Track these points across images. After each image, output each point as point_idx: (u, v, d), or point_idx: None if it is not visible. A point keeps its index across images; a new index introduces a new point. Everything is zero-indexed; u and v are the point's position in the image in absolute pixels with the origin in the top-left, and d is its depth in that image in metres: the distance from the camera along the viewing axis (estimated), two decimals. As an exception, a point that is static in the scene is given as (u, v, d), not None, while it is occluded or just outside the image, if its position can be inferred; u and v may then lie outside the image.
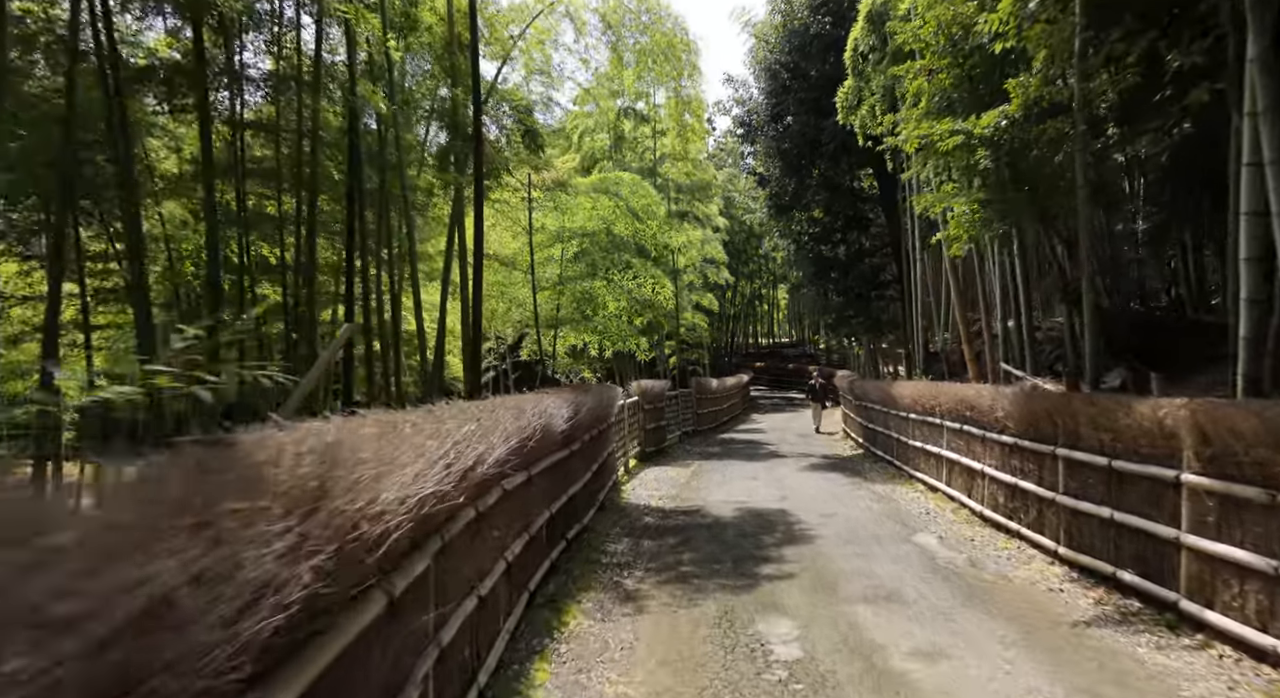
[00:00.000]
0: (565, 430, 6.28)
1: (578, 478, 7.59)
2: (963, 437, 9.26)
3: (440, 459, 2.55)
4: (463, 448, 2.93)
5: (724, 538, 8.08)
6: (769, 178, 20.76)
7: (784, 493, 11.11)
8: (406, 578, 2.39)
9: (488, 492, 4.08)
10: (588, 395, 7.57)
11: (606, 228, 10.67)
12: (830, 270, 20.38)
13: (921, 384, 11.03)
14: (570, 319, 10.87)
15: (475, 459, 3.21)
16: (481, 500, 3.94)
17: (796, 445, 18.39)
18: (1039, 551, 7.02)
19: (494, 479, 4.00)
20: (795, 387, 46.15)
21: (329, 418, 2.20)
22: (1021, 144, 7.33)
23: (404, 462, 2.16)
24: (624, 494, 11.08)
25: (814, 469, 14.01)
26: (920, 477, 11.35)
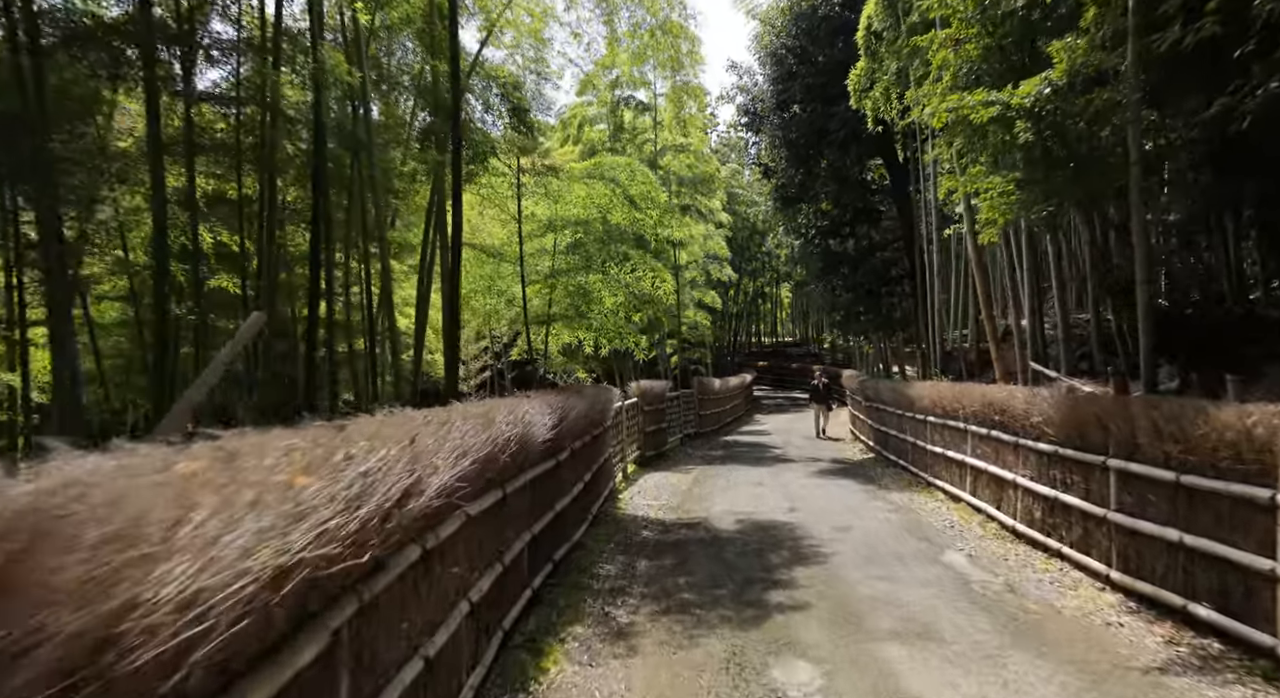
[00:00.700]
0: (549, 440, 5.49)
1: (567, 491, 6.81)
2: (990, 443, 8.46)
3: (331, 501, 1.78)
4: (374, 480, 2.15)
5: (729, 557, 7.29)
6: (774, 169, 19.92)
7: (793, 502, 10.32)
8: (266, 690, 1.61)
9: (441, 522, 3.30)
10: (578, 399, 6.79)
11: (602, 216, 9.89)
12: (839, 265, 19.50)
13: (942, 385, 10.23)
14: (563, 315, 10.10)
15: (405, 491, 2.43)
16: (431, 534, 3.16)
17: (804, 449, 17.58)
18: (1085, 573, 6.22)
19: (446, 509, 3.21)
20: (799, 386, 45.29)
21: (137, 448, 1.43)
22: (1064, 116, 6.52)
23: (234, 516, 1.39)
24: (621, 504, 10.30)
25: (823, 475, 13.21)
26: (940, 485, 10.54)
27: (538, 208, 10.16)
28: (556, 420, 5.68)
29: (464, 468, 3.15)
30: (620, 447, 12.64)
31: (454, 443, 3.09)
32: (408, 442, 2.55)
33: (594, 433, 8.65)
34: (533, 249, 10.20)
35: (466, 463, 3.14)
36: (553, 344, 12.06)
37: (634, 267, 10.33)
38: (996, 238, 8.04)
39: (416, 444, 2.59)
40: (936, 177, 13.49)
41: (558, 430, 5.89)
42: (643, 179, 10.20)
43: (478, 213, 9.99)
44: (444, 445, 2.96)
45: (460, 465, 3.12)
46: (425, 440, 2.80)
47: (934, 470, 10.92)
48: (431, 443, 2.86)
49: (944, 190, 9.39)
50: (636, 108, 21.88)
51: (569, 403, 6.19)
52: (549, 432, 5.37)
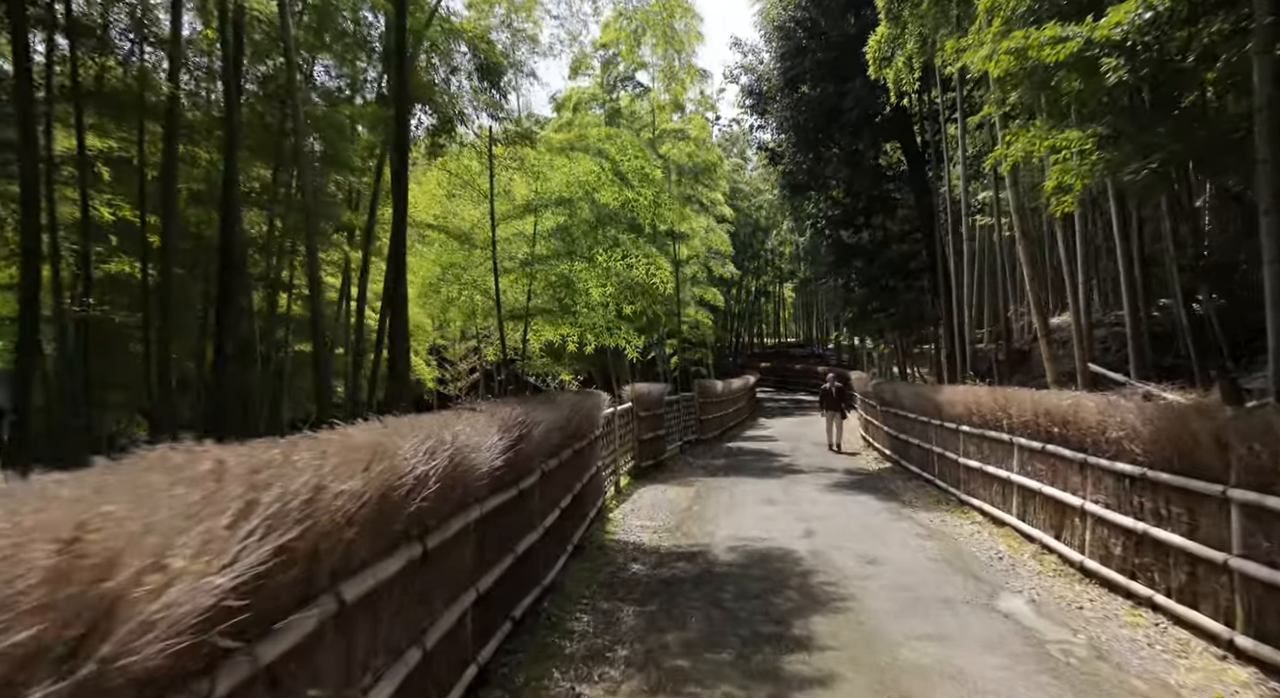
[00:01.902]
0: (504, 465, 4.16)
1: (536, 524, 5.48)
2: (1046, 460, 7.12)
3: None
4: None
5: (734, 602, 5.95)
6: (782, 154, 18.57)
7: (808, 524, 8.98)
8: None
9: (261, 639, 1.97)
10: (548, 410, 5.47)
11: (588, 196, 8.59)
12: (852, 258, 18.11)
13: (980, 390, 8.91)
14: (544, 309, 8.78)
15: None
16: (260, 648, 1.84)
17: (814, 457, 16.24)
18: (1194, 633, 4.88)
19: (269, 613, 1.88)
20: (803, 388, 43.99)
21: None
22: (1165, 50, 5.19)
23: None
24: (611, 526, 8.97)
25: (839, 489, 11.87)
26: (976, 504, 9.21)
27: (515, 185, 8.86)
28: (514, 440, 4.35)
29: (290, 534, 1.82)
30: (612, 457, 11.32)
31: (269, 504, 1.76)
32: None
33: (576, 447, 7.33)
34: (509, 233, 8.88)
35: (286, 532, 1.82)
36: (534, 342, 10.76)
37: (625, 253, 9.03)
38: (1073, 207, 6.75)
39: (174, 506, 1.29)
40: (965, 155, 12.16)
41: (518, 451, 4.57)
42: (635, 153, 8.89)
43: (446, 193, 8.72)
44: (226, 510, 1.64)
45: (283, 534, 1.79)
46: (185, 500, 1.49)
47: (968, 487, 9.58)
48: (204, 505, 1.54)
49: (993, 157, 8.04)
50: (634, 92, 20.55)
51: (534, 416, 4.87)
52: (500, 457, 4.05)
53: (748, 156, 42.00)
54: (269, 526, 1.76)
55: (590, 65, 19.24)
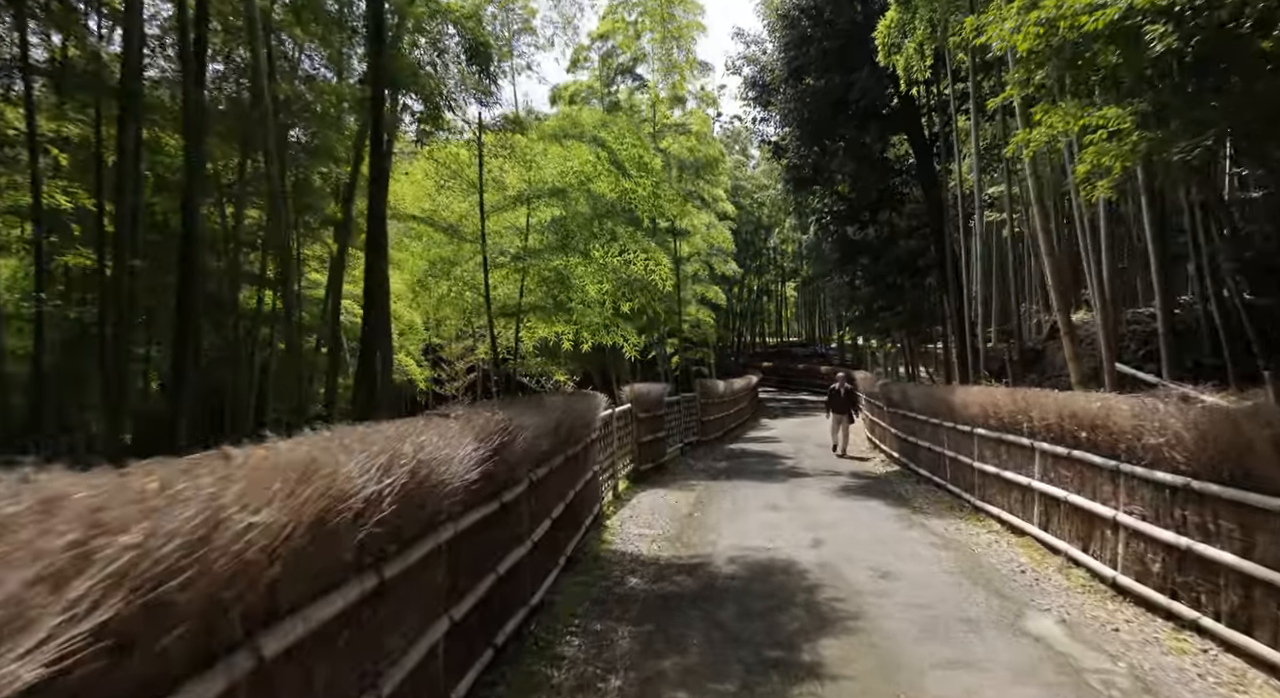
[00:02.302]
0: (477, 481, 3.70)
1: (523, 538, 5.03)
2: (1073, 466, 6.65)
3: None
4: None
5: (740, 624, 5.49)
6: (786, 147, 18.07)
7: (816, 533, 8.52)
8: None
9: None
10: (535, 414, 5.00)
11: (583, 186, 8.12)
12: (858, 255, 17.59)
13: (997, 391, 8.44)
14: (538, 306, 8.32)
15: None
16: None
17: (818, 460, 15.75)
18: (1251, 663, 4.40)
19: None
20: (805, 388, 43.46)
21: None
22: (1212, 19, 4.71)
23: None
24: (608, 534, 8.51)
25: (847, 494, 11.40)
26: (993, 511, 8.74)
27: (508, 177, 8.39)
28: (494, 449, 3.89)
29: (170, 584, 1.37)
30: (610, 460, 10.86)
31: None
32: None
33: (569, 453, 6.88)
34: (499, 227, 8.43)
35: (148, 595, 1.36)
36: (527, 341, 10.31)
37: (623, 248, 8.57)
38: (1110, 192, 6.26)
39: None
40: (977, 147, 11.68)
41: (499, 460, 4.11)
42: (632, 141, 8.42)
43: (436, 185, 8.25)
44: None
45: (139, 594, 1.34)
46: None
47: (984, 493, 9.11)
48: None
49: (1015, 143, 7.54)
50: (633, 85, 20.09)
51: (519, 421, 4.41)
52: (477, 469, 3.59)
53: (750, 154, 41.53)
54: (114, 583, 1.30)
55: (588, 58, 18.77)
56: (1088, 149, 6.02)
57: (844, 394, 15.37)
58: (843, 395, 15.37)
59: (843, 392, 15.36)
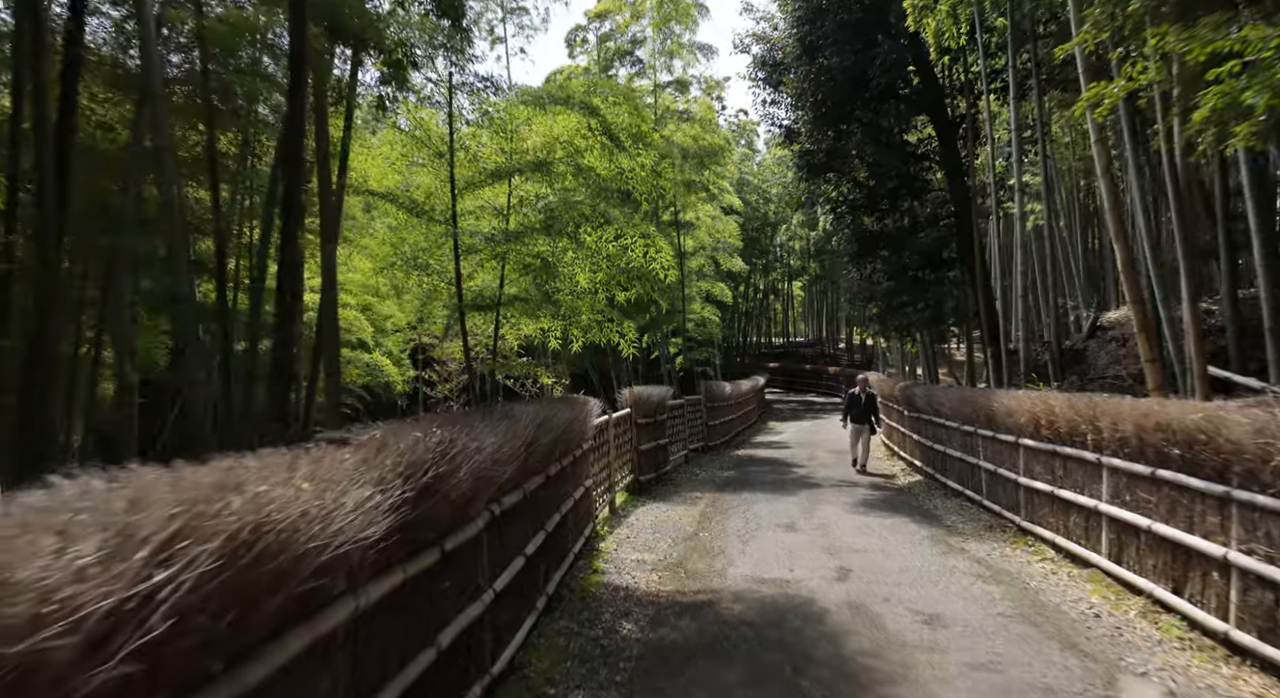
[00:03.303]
0: (385, 538, 2.58)
1: (474, 595, 3.90)
2: (1158, 489, 5.50)
3: None
4: None
5: (752, 693, 4.36)
6: (798, 131, 16.90)
7: (840, 559, 7.39)
8: None
9: None
10: (499, 431, 3.87)
11: (572, 158, 7.02)
12: (876, 246, 16.35)
13: (1054, 398, 7.29)
14: (518, 298, 7.21)
15: None
16: None
17: (833, 469, 14.61)
18: None
19: None
20: (813, 389, 42.32)
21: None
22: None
23: None
24: (599, 561, 7.39)
25: (869, 510, 10.25)
26: (1043, 534, 7.60)
27: (486, 153, 7.28)
28: (420, 488, 2.77)
29: None
30: (606, 472, 9.76)
31: None
32: None
33: (552, 471, 5.77)
34: (474, 205, 7.33)
35: None
36: (510, 338, 9.24)
37: (619, 232, 7.48)
38: (1252, 140, 5.15)
39: None
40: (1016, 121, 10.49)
41: (435, 498, 2.99)
42: (629, 109, 7.32)
43: (401, 157, 7.16)
44: None
45: None
46: None
47: (1032, 513, 7.96)
48: None
49: (1086, 99, 6.37)
50: (633, 70, 18.95)
51: (468, 443, 3.28)
52: (388, 518, 2.47)
53: (755, 148, 40.39)
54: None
55: (585, 40, 17.67)
56: (1211, 95, 4.83)
57: (864, 400, 13.38)
58: (863, 402, 13.35)
59: (863, 398, 13.37)
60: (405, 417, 7.04)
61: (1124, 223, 7.07)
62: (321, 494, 2.13)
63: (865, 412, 13.34)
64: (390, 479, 2.54)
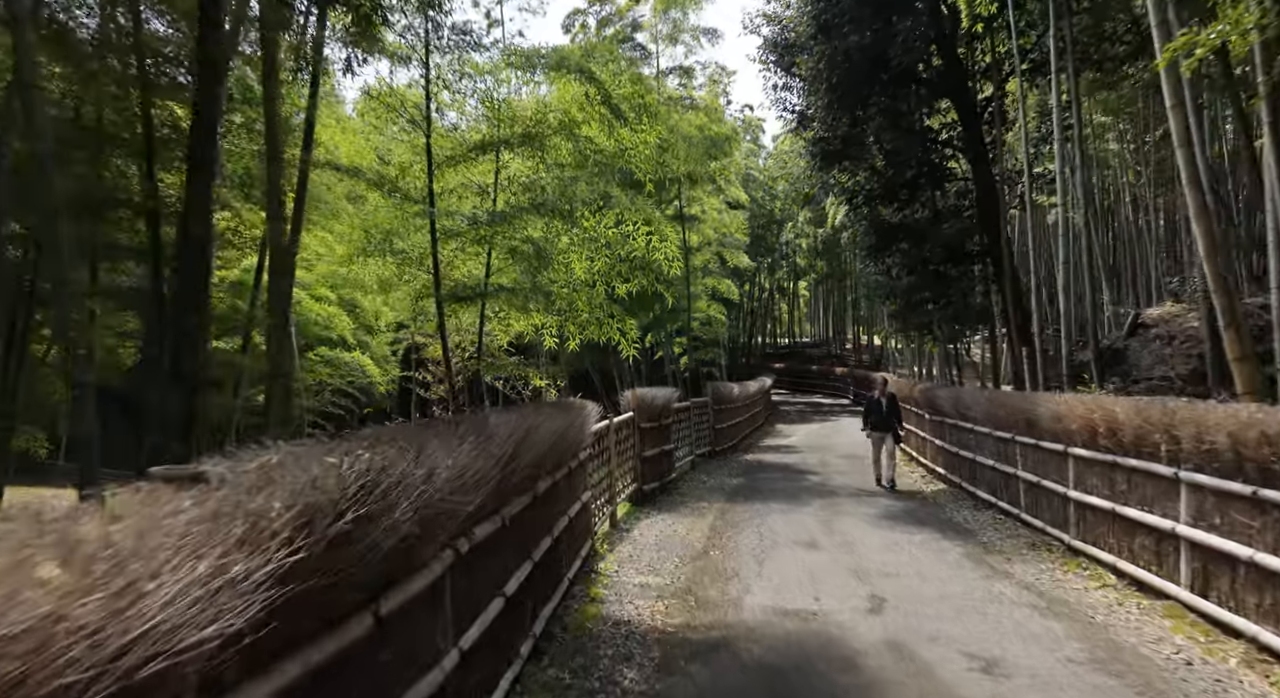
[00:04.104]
0: (245, 634, 1.69)
1: (424, 668, 3.03)
2: (1262, 513, 4.62)
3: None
4: None
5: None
6: (811, 117, 15.99)
7: (871, 585, 6.52)
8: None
9: None
10: (458, 449, 3.01)
11: (567, 129, 6.18)
12: (896, 238, 15.41)
13: (1115, 403, 6.41)
14: (507, 288, 6.35)
15: None
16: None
17: (848, 475, 13.73)
18: None
19: None
20: (820, 390, 41.38)
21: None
22: None
23: None
24: (597, 588, 6.53)
25: (895, 523, 9.37)
26: (1100, 557, 6.72)
27: (471, 128, 6.45)
28: (328, 543, 1.90)
29: None
30: (607, 482, 8.91)
31: None
32: None
33: (538, 491, 4.91)
34: (458, 183, 6.49)
35: None
36: (500, 335, 8.40)
37: (620, 217, 6.64)
38: None
39: None
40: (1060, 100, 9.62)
41: (359, 552, 2.13)
42: (632, 76, 6.48)
43: (373, 126, 6.34)
44: None
45: None
46: None
47: (1086, 532, 7.08)
48: None
49: (1175, 48, 5.48)
50: (635, 55, 18.09)
51: (410, 469, 2.43)
52: (273, 591, 1.60)
53: (762, 144, 39.52)
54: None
55: (585, 24, 16.82)
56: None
57: (886, 406, 11.78)
58: (883, 408, 11.76)
59: (883, 402, 11.80)
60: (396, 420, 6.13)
61: (1203, 199, 6.22)
62: (109, 581, 1.26)
63: (887, 418, 11.84)
64: (266, 537, 1.68)
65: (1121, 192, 27.34)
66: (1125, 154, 27.19)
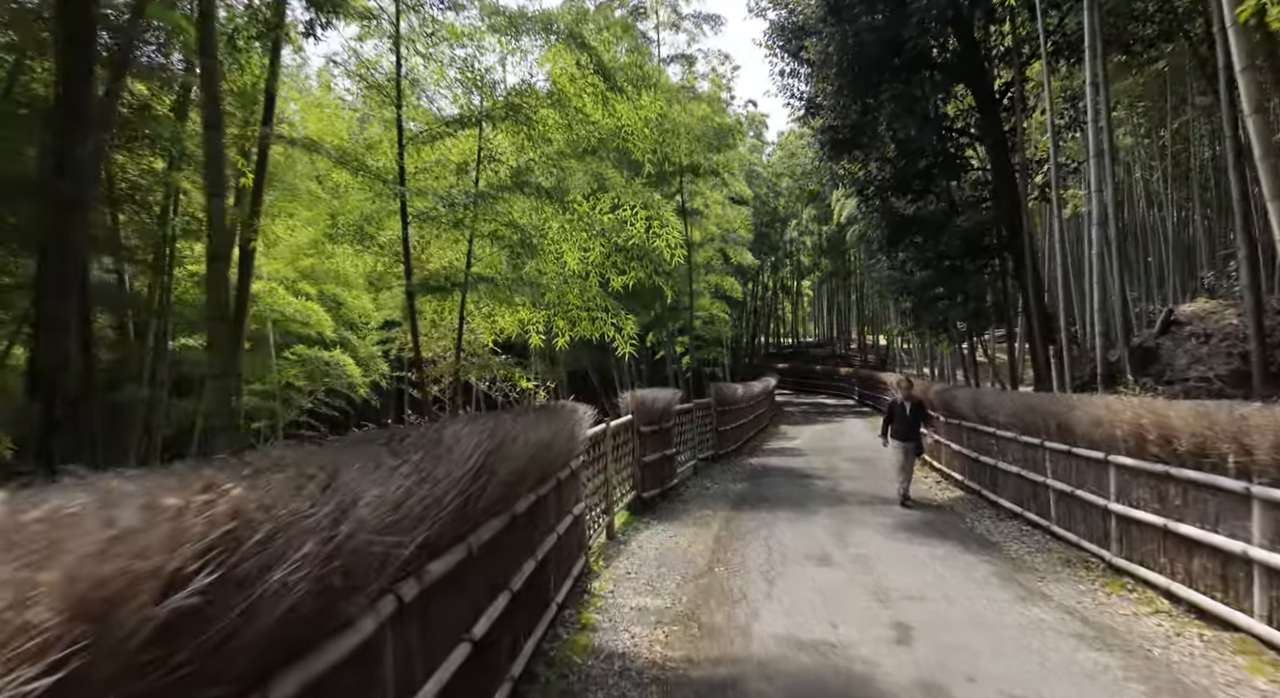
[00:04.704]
0: None
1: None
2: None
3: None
4: None
5: None
6: (821, 104, 15.30)
7: (894, 609, 5.86)
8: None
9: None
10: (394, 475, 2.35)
11: (556, 101, 5.53)
12: (910, 232, 14.70)
13: (1168, 406, 5.74)
14: (487, 278, 5.69)
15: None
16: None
17: (857, 479, 13.08)
18: None
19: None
20: (824, 391, 40.64)
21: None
22: None
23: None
24: (592, 609, 5.88)
25: (912, 535, 8.70)
26: (1148, 577, 6.05)
27: (453, 103, 5.80)
28: (146, 639, 1.24)
29: None
30: (603, 490, 8.27)
31: None
32: None
33: (518, 510, 4.25)
34: (430, 160, 5.84)
35: None
36: (483, 332, 7.74)
37: (616, 201, 5.99)
38: None
39: None
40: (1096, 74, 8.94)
41: (213, 639, 1.45)
42: (630, 42, 5.84)
43: (336, 97, 5.69)
44: None
45: None
46: None
47: (1131, 549, 6.40)
48: None
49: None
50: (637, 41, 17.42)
51: (302, 518, 1.78)
52: None
53: (765, 139, 38.85)
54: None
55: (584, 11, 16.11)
56: None
57: (908, 408, 10.29)
58: (907, 411, 10.27)
59: (906, 406, 10.30)
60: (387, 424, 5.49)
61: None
62: None
63: (913, 426, 10.27)
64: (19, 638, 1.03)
65: (1134, 187, 26.69)
66: (1139, 149, 26.54)
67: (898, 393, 10.66)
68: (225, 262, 4.04)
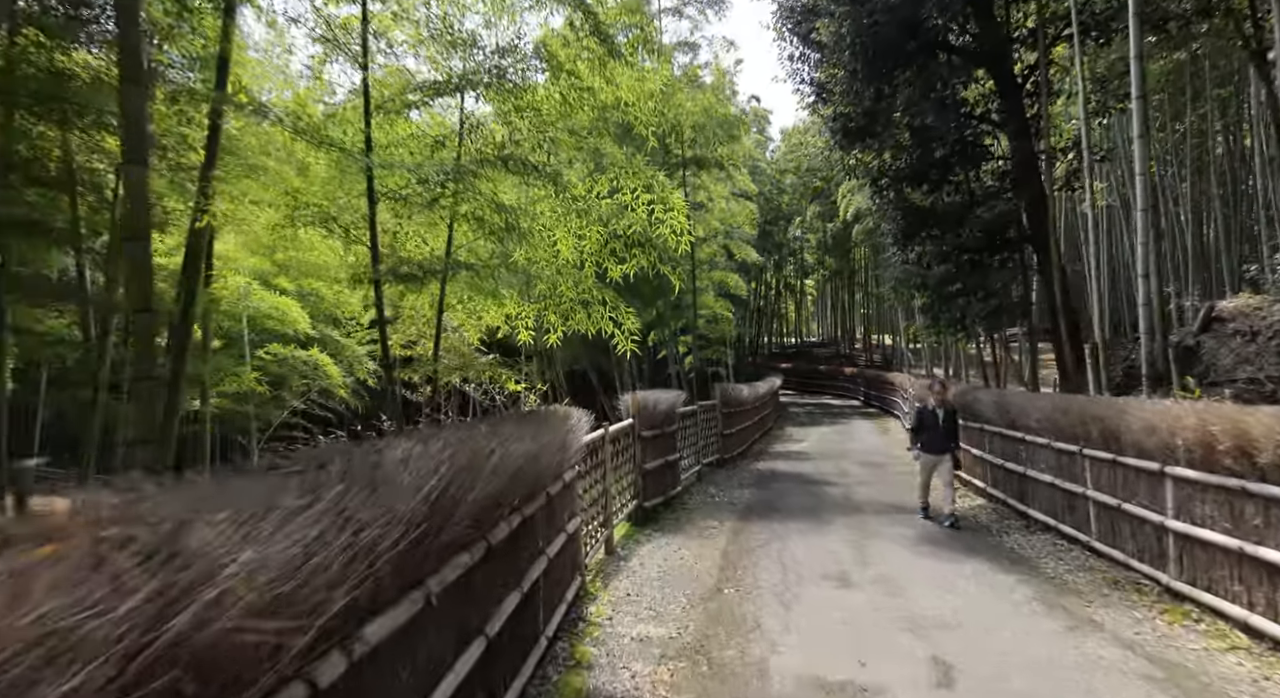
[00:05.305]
0: None
1: None
2: None
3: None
4: None
5: None
6: (832, 90, 14.57)
7: (927, 640, 5.17)
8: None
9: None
10: (296, 518, 1.69)
11: (546, 66, 4.86)
12: (926, 225, 13.96)
13: (1253, 412, 5.06)
14: (467, 265, 5.01)
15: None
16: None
17: (870, 484, 12.40)
18: None
19: None
20: (828, 391, 39.89)
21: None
22: None
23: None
24: (587, 640, 5.20)
25: (936, 549, 8.01)
26: (1219, 606, 5.35)
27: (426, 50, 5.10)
28: None
29: None
30: (602, 502, 7.58)
31: None
32: None
33: (495, 539, 3.57)
34: (404, 133, 5.18)
35: None
36: (469, 329, 7.07)
37: (615, 183, 5.33)
38: None
39: None
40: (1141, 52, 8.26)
41: None
42: (628, 5, 5.11)
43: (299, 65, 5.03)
44: None
45: None
46: None
47: (1196, 572, 5.70)
48: None
49: None
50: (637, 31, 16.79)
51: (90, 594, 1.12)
52: None
53: (769, 135, 38.17)
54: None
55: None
56: None
57: (943, 417, 9.15)
58: (940, 419, 9.13)
59: (939, 412, 9.16)
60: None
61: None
62: None
63: (944, 437, 9.11)
64: None
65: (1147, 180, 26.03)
66: (1154, 142, 25.89)
67: (930, 398, 9.49)
68: (144, 242, 3.37)
